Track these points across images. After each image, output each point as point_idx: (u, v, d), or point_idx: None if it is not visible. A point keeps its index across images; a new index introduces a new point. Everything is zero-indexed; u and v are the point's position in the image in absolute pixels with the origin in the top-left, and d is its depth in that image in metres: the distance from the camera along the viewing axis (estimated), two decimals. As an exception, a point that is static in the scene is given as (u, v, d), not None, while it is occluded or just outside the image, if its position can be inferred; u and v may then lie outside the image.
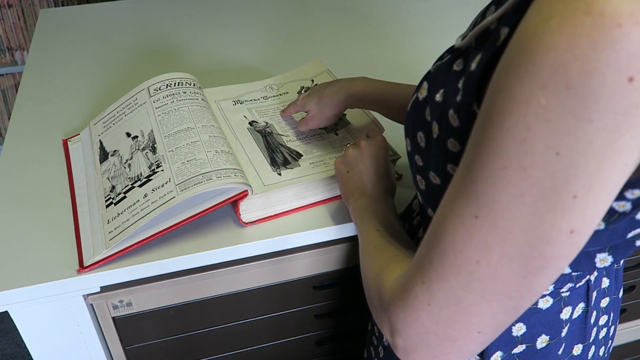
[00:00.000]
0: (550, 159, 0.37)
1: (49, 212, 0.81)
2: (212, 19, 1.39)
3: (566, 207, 0.38)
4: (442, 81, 0.52)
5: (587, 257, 0.54)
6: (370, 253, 0.60)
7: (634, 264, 1.15)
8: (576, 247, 0.40)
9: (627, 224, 0.48)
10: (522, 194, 0.38)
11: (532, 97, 0.36)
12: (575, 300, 0.61)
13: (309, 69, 1.01)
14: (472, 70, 0.47)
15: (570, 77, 0.35)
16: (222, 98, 0.96)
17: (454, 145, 0.50)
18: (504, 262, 0.41)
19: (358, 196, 0.71)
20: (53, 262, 0.73)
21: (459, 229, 0.42)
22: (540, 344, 0.61)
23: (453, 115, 0.49)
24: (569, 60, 0.35)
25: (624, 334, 1.29)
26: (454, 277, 0.43)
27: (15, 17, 2.17)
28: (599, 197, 0.38)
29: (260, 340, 0.94)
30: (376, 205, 0.68)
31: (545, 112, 0.36)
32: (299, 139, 0.89)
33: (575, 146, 0.36)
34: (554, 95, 0.35)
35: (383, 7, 1.45)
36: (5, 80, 2.28)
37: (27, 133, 0.98)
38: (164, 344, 0.88)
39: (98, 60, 1.21)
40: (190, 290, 0.82)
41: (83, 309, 0.78)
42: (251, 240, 0.77)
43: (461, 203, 0.42)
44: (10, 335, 1.87)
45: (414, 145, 0.57)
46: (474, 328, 0.44)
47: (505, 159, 0.38)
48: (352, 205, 0.71)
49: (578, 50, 0.34)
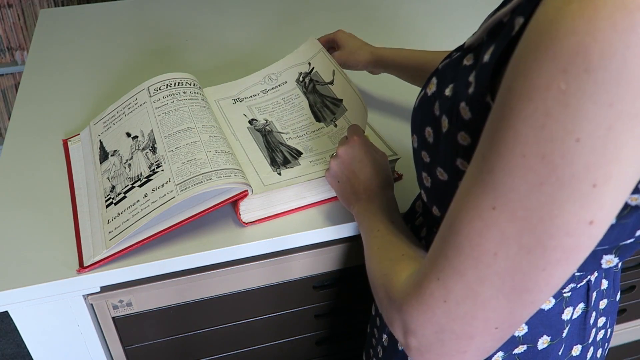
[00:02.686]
0: (569, 145, 0.36)
1: (49, 212, 0.81)
2: (212, 19, 1.39)
3: (586, 196, 0.37)
4: (452, 76, 0.52)
5: (593, 257, 0.54)
6: (375, 254, 0.59)
7: (634, 264, 1.15)
8: (594, 239, 0.40)
9: (635, 221, 0.47)
10: (541, 182, 0.38)
11: (551, 82, 0.36)
12: (575, 300, 0.61)
13: (305, 50, 1.00)
14: (486, 62, 0.46)
15: (591, 61, 0.34)
16: (222, 97, 0.96)
17: (464, 138, 0.49)
18: (523, 253, 0.40)
19: (355, 202, 0.71)
20: (53, 262, 0.73)
21: (476, 220, 0.41)
22: (542, 344, 0.61)
23: (465, 107, 0.48)
24: (589, 43, 0.34)
25: (624, 334, 1.29)
26: (471, 270, 0.42)
27: (15, 17, 2.17)
28: (618, 186, 0.38)
29: (260, 340, 0.94)
30: (373, 205, 0.68)
31: (565, 97, 0.36)
32: (299, 135, 0.89)
33: (595, 132, 0.35)
34: (574, 79, 0.35)
35: (385, 7, 1.45)
36: (5, 80, 2.28)
37: (27, 133, 0.98)
38: (164, 344, 0.88)
39: (98, 60, 1.21)
40: (190, 290, 0.82)
41: (83, 309, 0.78)
42: (251, 240, 0.77)
43: (478, 194, 0.41)
44: (10, 335, 1.87)
45: (421, 141, 0.56)
46: (492, 324, 0.43)
47: (524, 146, 0.38)
48: (353, 211, 0.71)
49: (599, 33, 0.34)
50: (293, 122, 0.91)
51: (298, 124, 0.91)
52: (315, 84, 0.94)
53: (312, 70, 0.96)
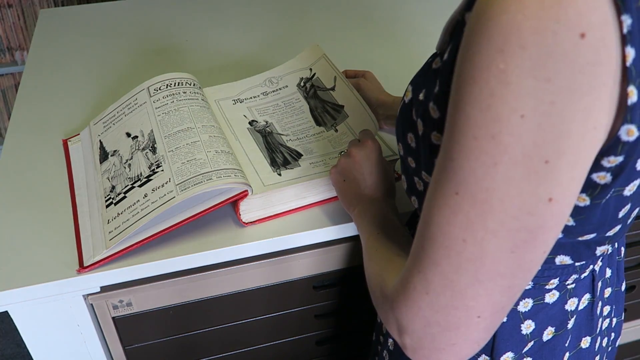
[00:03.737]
0: (516, 122, 0.37)
1: (49, 212, 0.81)
2: (212, 19, 1.39)
3: (540, 173, 0.38)
4: (423, 81, 0.53)
5: (587, 248, 0.54)
6: (372, 256, 0.60)
7: (634, 264, 1.15)
8: (558, 217, 0.41)
9: (617, 203, 0.48)
10: (495, 162, 0.39)
11: (491, 62, 0.37)
12: (580, 291, 0.61)
13: (307, 56, 1.00)
14: (446, 60, 0.48)
15: (524, 38, 0.35)
16: (222, 97, 0.96)
17: (437, 138, 0.50)
18: (489, 237, 0.41)
19: (357, 203, 0.71)
20: (53, 262, 0.73)
21: (444, 208, 0.42)
22: (547, 336, 0.61)
23: (433, 107, 0.50)
24: (520, 20, 0.35)
25: (624, 334, 1.29)
26: (445, 260, 0.43)
27: (15, 17, 2.17)
28: (572, 162, 0.39)
29: (260, 340, 0.94)
30: (374, 208, 0.68)
31: (505, 76, 0.37)
32: (299, 138, 0.89)
33: (538, 107, 0.37)
34: (511, 57, 0.36)
35: (385, 7, 1.44)
36: (5, 80, 2.28)
37: (27, 133, 0.98)
38: (164, 344, 0.88)
39: (98, 60, 1.21)
40: (190, 290, 0.82)
41: (83, 309, 0.78)
42: (251, 240, 0.77)
43: (442, 182, 0.42)
44: (10, 335, 1.87)
45: (405, 148, 0.58)
46: (473, 313, 0.43)
47: (475, 129, 0.39)
48: (353, 213, 0.71)
49: (527, 10, 0.35)
50: (293, 125, 0.92)
51: (298, 126, 0.91)
52: (317, 90, 0.94)
53: (313, 76, 0.96)
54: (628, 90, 0.38)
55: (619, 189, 0.46)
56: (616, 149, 0.41)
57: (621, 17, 0.36)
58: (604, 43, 0.36)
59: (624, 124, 0.39)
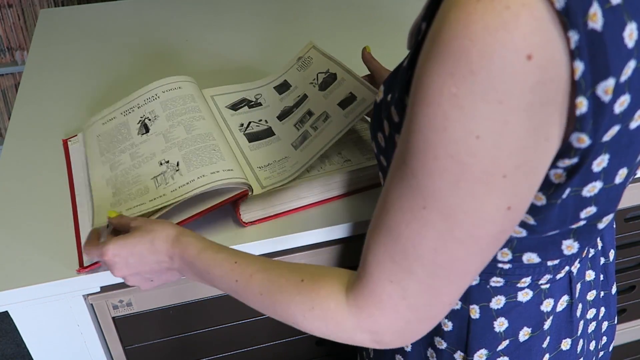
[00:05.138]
0: (472, 143, 0.39)
1: (49, 212, 0.81)
2: (212, 19, 1.39)
3: (499, 187, 0.41)
4: (394, 82, 0.54)
5: (553, 244, 0.55)
6: (267, 298, 0.55)
7: (634, 264, 1.15)
8: (514, 220, 0.44)
9: (576, 202, 0.48)
10: (457, 180, 0.40)
11: (443, 86, 0.38)
12: (557, 292, 0.61)
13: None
14: (404, 66, 0.49)
15: (473, 62, 0.36)
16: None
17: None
18: (457, 246, 0.43)
19: (176, 267, 0.62)
20: (53, 262, 0.73)
21: (413, 222, 0.44)
22: (523, 336, 0.61)
23: (394, 111, 0.51)
24: (468, 46, 0.36)
25: (624, 334, 1.29)
26: (420, 268, 0.45)
27: (15, 17, 2.17)
28: (528, 172, 0.41)
29: (260, 340, 0.94)
30: (194, 251, 0.59)
31: (457, 100, 0.38)
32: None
33: (492, 128, 0.38)
34: (462, 81, 0.37)
35: (385, 7, 1.44)
36: (5, 80, 2.28)
37: (27, 133, 0.98)
38: (164, 344, 0.88)
39: (98, 60, 1.21)
40: (190, 290, 0.82)
41: (83, 309, 0.78)
42: (251, 240, 0.77)
43: (408, 197, 0.44)
44: (10, 335, 1.88)
45: (377, 147, 0.59)
46: (447, 303, 0.48)
47: (434, 149, 0.40)
48: (176, 270, 0.63)
49: (474, 35, 0.36)
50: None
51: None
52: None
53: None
54: (577, 101, 0.39)
55: (576, 189, 0.47)
56: (569, 153, 0.43)
57: (568, 34, 0.36)
58: (552, 61, 0.37)
59: (574, 132, 0.41)
